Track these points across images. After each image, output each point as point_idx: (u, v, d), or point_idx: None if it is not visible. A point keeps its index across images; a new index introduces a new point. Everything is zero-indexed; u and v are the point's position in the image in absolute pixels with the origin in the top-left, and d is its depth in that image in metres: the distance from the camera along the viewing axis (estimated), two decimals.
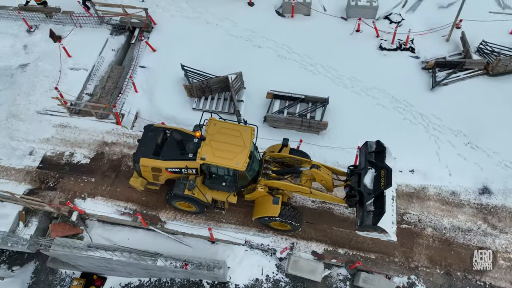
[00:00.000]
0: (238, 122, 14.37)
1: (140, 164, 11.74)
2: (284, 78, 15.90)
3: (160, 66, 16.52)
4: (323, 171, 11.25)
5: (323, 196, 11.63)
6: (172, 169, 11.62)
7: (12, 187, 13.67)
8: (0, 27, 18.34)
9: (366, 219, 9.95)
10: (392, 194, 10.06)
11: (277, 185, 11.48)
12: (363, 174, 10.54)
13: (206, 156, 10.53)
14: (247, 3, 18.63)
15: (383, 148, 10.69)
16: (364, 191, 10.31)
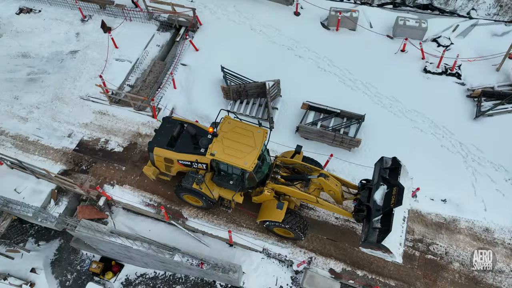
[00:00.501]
0: (270, 129, 14.41)
1: (153, 153, 12.03)
2: (321, 90, 15.77)
3: (201, 65, 16.83)
4: (331, 181, 11.07)
5: (330, 207, 11.35)
6: (183, 161, 11.80)
7: (48, 166, 14.29)
8: (58, 14, 19.39)
9: (371, 235, 9.66)
10: (403, 215, 9.74)
11: (284, 190, 11.41)
12: (374, 190, 10.21)
13: (216, 152, 10.62)
14: (293, 13, 18.69)
15: (398, 165, 10.32)
16: (372, 207, 9.98)
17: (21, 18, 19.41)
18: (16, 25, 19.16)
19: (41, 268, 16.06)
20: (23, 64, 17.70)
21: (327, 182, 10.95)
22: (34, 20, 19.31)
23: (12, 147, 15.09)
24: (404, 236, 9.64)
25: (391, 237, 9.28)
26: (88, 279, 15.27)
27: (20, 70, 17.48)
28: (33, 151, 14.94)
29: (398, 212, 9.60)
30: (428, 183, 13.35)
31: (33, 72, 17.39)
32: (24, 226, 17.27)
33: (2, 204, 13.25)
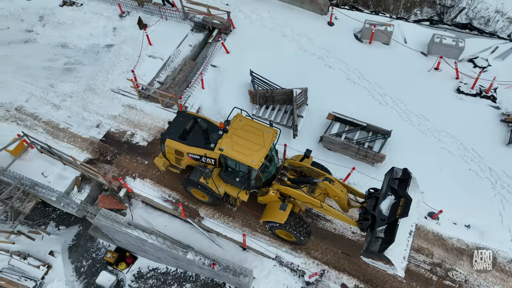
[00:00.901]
0: (294, 137, 14.35)
1: (165, 144, 12.28)
2: (349, 102, 15.58)
3: (230, 68, 17.00)
4: (336, 186, 10.94)
5: (334, 214, 11.16)
6: (193, 155, 11.97)
7: (75, 153, 14.74)
8: (98, 9, 20.10)
9: (373, 245, 9.45)
10: (410, 229, 9.59)
11: (290, 192, 11.38)
12: (381, 199, 9.96)
13: (224, 148, 10.75)
14: (327, 23, 18.63)
15: (408, 177, 10.05)
16: (377, 216, 9.74)
17: (63, 10, 20.23)
18: (58, 16, 19.98)
19: (59, 252, 16.53)
20: (61, 54, 18.41)
21: (331, 186, 10.83)
22: (76, 12, 20.08)
23: (43, 132, 15.66)
24: (408, 250, 9.45)
25: (395, 250, 9.07)
26: (102, 267, 15.58)
27: (58, 60, 18.18)
28: (62, 138, 15.46)
29: (404, 225, 9.41)
30: (452, 206, 12.92)
31: (69, 62, 18.05)
32: (47, 209, 17.84)
33: (29, 186, 13.74)
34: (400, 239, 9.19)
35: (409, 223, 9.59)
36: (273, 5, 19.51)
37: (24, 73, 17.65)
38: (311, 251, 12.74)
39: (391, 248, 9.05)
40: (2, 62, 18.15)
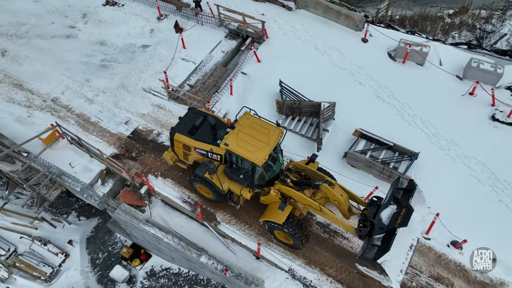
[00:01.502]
0: (318, 150, 14.21)
1: (174, 138, 12.60)
2: (376, 120, 15.34)
3: (260, 76, 17.11)
4: (336, 190, 10.83)
5: (333, 218, 11.05)
6: (200, 150, 12.19)
7: (102, 147, 15.14)
8: (138, 10, 20.80)
9: (368, 252, 9.28)
10: (412, 243, 9.48)
11: (291, 193, 11.41)
12: (383, 208, 9.79)
13: (230, 143, 10.87)
14: (361, 39, 18.50)
15: (413, 187, 9.86)
16: (376, 224, 9.57)
17: (105, 9, 21.05)
18: (100, 15, 20.81)
19: (77, 242, 16.94)
20: (99, 51, 19.11)
21: (330, 189, 10.75)
22: (117, 12, 20.85)
23: (74, 124, 16.21)
24: (407, 264, 9.31)
25: (393, 262, 8.94)
26: (116, 261, 15.82)
27: (96, 56, 18.87)
28: (92, 131, 15.94)
29: (406, 238, 9.29)
30: (477, 237, 12.36)
31: (106, 60, 18.69)
32: (71, 199, 18.37)
33: (56, 174, 14.20)
34: (399, 252, 9.08)
35: (410, 237, 9.47)
36: (308, 18, 19.60)
37: (63, 66, 18.40)
38: (326, 267, 12.47)
39: (389, 260, 8.87)
40: (45, 55, 19.02)
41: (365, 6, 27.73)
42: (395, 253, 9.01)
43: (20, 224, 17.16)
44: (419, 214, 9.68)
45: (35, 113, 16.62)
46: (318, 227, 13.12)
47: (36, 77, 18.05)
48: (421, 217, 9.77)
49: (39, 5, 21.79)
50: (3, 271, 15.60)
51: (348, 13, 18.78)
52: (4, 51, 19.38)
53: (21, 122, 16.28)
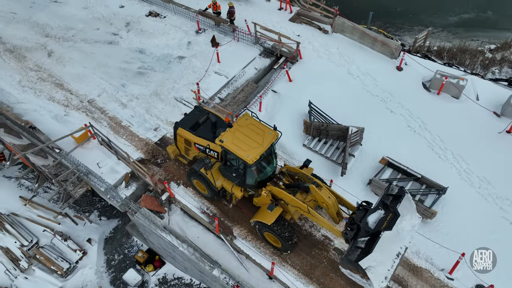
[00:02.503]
0: (342, 175, 13.99)
1: (177, 132, 13.28)
2: (405, 150, 14.96)
3: (290, 96, 17.18)
4: (323, 192, 11.01)
5: (320, 221, 11.13)
6: (199, 146, 12.67)
7: (130, 151, 15.55)
8: (178, 23, 21.58)
9: (351, 253, 9.33)
10: (399, 251, 9.49)
11: (282, 195, 11.59)
12: (370, 212, 9.79)
13: (225, 140, 11.27)
14: (396, 67, 18.30)
15: (403, 194, 9.85)
16: (362, 227, 9.57)
17: (148, 20, 21.98)
18: (142, 24, 21.74)
19: (96, 241, 17.30)
20: (137, 59, 19.87)
21: (318, 191, 10.92)
22: (158, 23, 21.72)
23: (106, 126, 16.78)
24: (392, 271, 9.29)
25: (378, 268, 8.98)
26: (131, 265, 16.00)
27: (134, 63, 19.63)
28: (122, 134, 16.43)
29: (394, 246, 9.39)
30: (505, 282, 11.64)
31: (143, 67, 19.39)
32: (94, 198, 18.89)
33: (84, 173, 14.66)
34: (385, 258, 9.13)
35: (398, 245, 9.54)
36: (343, 42, 19.65)
37: (102, 70, 19.24)
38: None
39: (374, 265, 8.90)
40: (87, 58, 19.99)
41: (402, 35, 27.55)
42: (381, 259, 9.05)
43: (45, 217, 17.76)
44: (409, 223, 9.77)
45: (71, 112, 17.36)
46: (336, 253, 12.78)
47: (76, 78, 18.95)
48: (411, 226, 9.82)
49: (88, 12, 23.06)
50: (24, 262, 16.07)
51: (384, 40, 18.70)
52: (51, 52, 20.53)
53: (58, 120, 17.03)
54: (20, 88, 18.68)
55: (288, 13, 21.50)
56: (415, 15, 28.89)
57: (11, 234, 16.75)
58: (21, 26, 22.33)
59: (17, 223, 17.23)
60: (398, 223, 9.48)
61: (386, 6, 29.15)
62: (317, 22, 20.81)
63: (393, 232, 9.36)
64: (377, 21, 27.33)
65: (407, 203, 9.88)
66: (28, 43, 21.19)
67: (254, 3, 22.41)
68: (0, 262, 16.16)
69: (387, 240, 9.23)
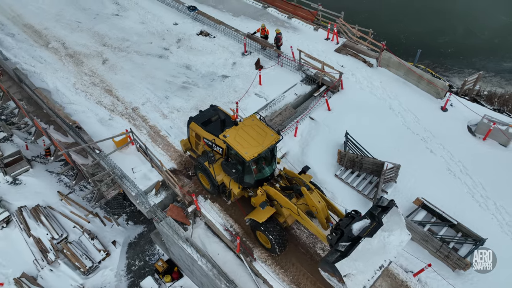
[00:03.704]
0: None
1: (189, 126, 14.19)
2: (442, 193, 14.23)
3: (327, 124, 17.07)
4: (314, 196, 11.26)
5: (308, 223, 11.44)
6: (207, 140, 13.47)
7: (164, 160, 15.99)
8: (226, 43, 22.40)
9: (331, 255, 9.66)
10: (383, 263, 9.72)
11: (277, 196, 12.01)
12: (357, 220, 10.19)
13: (228, 136, 11.93)
14: (440, 107, 17.75)
15: (391, 206, 10.17)
16: (346, 233, 9.95)
17: (198, 38, 23.00)
18: (192, 42, 22.75)
19: (120, 244, 17.68)
20: (183, 74, 20.71)
21: (308, 194, 11.25)
22: (207, 42, 22.65)
23: (145, 134, 17.44)
24: (372, 282, 9.49)
25: (358, 277, 9.25)
26: (149, 272, 16.15)
27: (179, 77, 20.46)
28: (159, 144, 16.98)
29: (378, 258, 9.64)
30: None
31: (187, 82, 20.15)
32: (125, 202, 19.46)
33: (118, 176, 15.21)
34: (367, 268, 9.42)
35: (383, 258, 9.77)
36: (387, 77, 19.42)
37: (149, 81, 20.20)
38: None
39: (354, 273, 9.19)
40: (137, 68, 21.12)
41: (451, 76, 26.85)
42: (362, 268, 9.36)
43: (77, 214, 18.47)
44: (398, 239, 10.03)
45: (115, 117, 18.25)
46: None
47: (124, 86, 20.01)
48: (399, 242, 10.05)
49: (144, 26, 24.55)
50: (52, 254, 16.69)
51: (430, 79, 18.28)
52: (105, 60, 21.92)
53: (102, 123, 17.94)
54: (74, 90, 19.98)
55: (335, 44, 21.69)
56: (467, 58, 28.14)
57: (44, 226, 17.53)
58: (83, 34, 24.13)
59: (52, 216, 18.04)
60: (387, 236, 9.91)
61: (436, 45, 28.68)
62: (362, 55, 20.81)
63: (380, 245, 9.78)
64: (425, 60, 26.89)
65: (397, 218, 10.15)
66: (87, 50, 22.79)
67: (302, 32, 22.86)
68: (31, 251, 16.87)
69: (372, 252, 9.62)
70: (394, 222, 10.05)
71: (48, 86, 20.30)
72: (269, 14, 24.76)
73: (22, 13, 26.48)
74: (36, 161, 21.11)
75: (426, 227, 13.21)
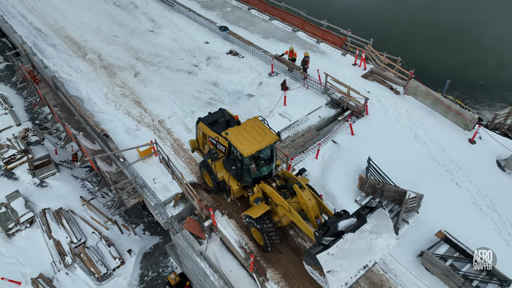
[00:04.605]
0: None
1: (197, 126, 14.99)
2: (466, 228, 13.68)
3: (350, 149, 16.92)
4: (305, 194, 11.75)
5: (299, 220, 11.81)
6: (212, 139, 14.18)
7: (185, 173, 16.23)
8: (254, 64, 22.87)
9: (314, 248, 10.16)
10: (367, 263, 10.22)
11: (271, 194, 12.58)
12: (344, 218, 10.72)
13: (230, 134, 12.75)
14: (468, 139, 17.29)
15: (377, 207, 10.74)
16: (332, 229, 10.48)
17: (227, 57, 23.60)
18: (221, 60, 23.36)
19: (135, 254, 17.82)
20: (210, 90, 21.20)
21: (299, 191, 11.76)
22: (236, 61, 23.19)
23: (169, 146, 17.81)
24: (354, 279, 9.99)
25: (341, 273, 9.81)
26: (162, 285, 16.14)
27: (206, 93, 20.95)
28: (181, 156, 17.27)
29: (363, 258, 10.17)
30: None
31: (213, 99, 20.58)
32: (143, 212, 19.71)
33: (140, 185, 15.52)
34: (351, 267, 9.97)
35: (368, 258, 10.28)
36: (414, 105, 19.19)
37: (177, 96, 20.77)
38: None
39: (338, 270, 9.74)
40: (166, 83, 21.81)
41: (480, 109, 26.19)
42: (346, 266, 9.92)
43: (96, 220, 18.84)
44: (385, 242, 10.53)
45: (142, 128, 18.78)
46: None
47: (153, 99, 20.65)
48: (386, 245, 10.52)
49: (176, 43, 25.47)
50: (69, 257, 17.00)
51: (459, 110, 17.90)
52: (137, 73, 22.79)
53: (128, 133, 18.49)
54: (105, 100, 20.78)
55: (362, 70, 21.73)
56: (498, 91, 27.45)
57: (65, 229, 17.95)
58: (119, 48, 25.27)
59: (72, 220, 18.48)
60: (374, 238, 10.45)
61: (466, 77, 28.19)
62: (389, 82, 20.72)
63: (367, 246, 10.32)
64: (455, 91, 26.40)
65: (385, 221, 10.65)
66: (121, 62, 23.79)
67: (330, 56, 23.08)
68: (50, 252, 17.26)
69: (358, 252, 10.17)
70: (383, 225, 10.59)
71: (82, 95, 21.22)
72: (298, 37, 25.20)
73: (64, 26, 28.10)
74: (63, 166, 21.84)
75: (448, 261, 12.67)
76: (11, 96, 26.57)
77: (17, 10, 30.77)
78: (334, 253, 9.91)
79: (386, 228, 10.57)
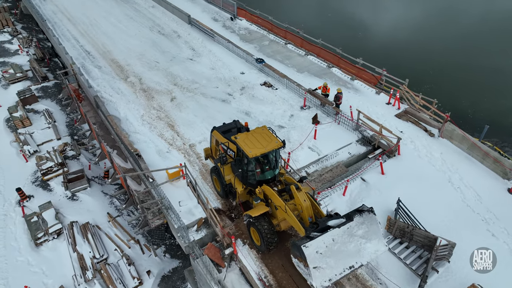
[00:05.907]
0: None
1: (212, 133, 15.90)
2: (503, 283, 12.77)
3: (379, 188, 16.49)
4: (301, 195, 12.36)
5: (293, 219, 12.33)
6: (223, 144, 15.01)
7: (211, 198, 16.34)
8: (287, 96, 23.22)
9: (300, 240, 10.70)
10: (353, 264, 10.83)
11: (271, 196, 13.25)
12: (334, 218, 11.50)
13: (238, 138, 13.83)
14: (507, 189, 16.43)
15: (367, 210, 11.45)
16: (320, 225, 11.29)
17: (261, 88, 24.13)
18: (255, 91, 23.89)
19: (154, 275, 17.78)
20: (241, 119, 21.40)
21: (295, 192, 12.42)
22: (269, 93, 23.64)
23: (197, 171, 18.08)
24: (339, 277, 10.58)
25: (327, 270, 10.46)
26: None
27: None
28: (208, 182, 17.45)
29: (350, 259, 10.82)
30: None
31: None
32: (166, 234, 19.80)
33: (165, 206, 15.72)
34: (337, 265, 10.62)
35: (355, 259, 10.92)
36: (448, 148, 18.62)
37: (209, 122, 21.25)
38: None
39: (324, 267, 10.41)
40: (200, 109, 22.47)
41: None
42: (332, 264, 10.57)
43: (120, 238, 19.10)
44: (374, 247, 11.16)
45: (172, 151, 19.27)
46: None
47: (186, 123, 21.25)
48: (375, 250, 11.13)
49: (213, 72, 26.41)
50: (90, 272, 17.19)
51: (497, 157, 17.16)
52: (173, 98, 23.67)
53: (160, 154, 19.00)
54: (141, 121, 21.62)
55: (396, 109, 21.50)
56: None
57: (89, 244, 18.29)
58: (159, 73, 26.50)
59: (97, 235, 18.83)
60: (363, 243, 11.11)
61: (506, 124, 27.16)
62: (424, 123, 20.31)
63: (356, 249, 10.97)
64: (493, 137, 25.40)
65: (375, 228, 11.32)
66: (159, 87, 24.86)
67: (364, 93, 23.08)
68: (73, 266, 17.55)
69: (347, 254, 10.82)
70: (373, 232, 11.26)
71: (119, 115, 22.20)
72: (333, 73, 25.48)
73: (111, 50, 29.95)
74: (95, 181, 22.57)
75: None
76: (55, 111, 28.18)
77: (71, 33, 33.23)
78: (323, 252, 10.57)
79: (376, 235, 11.29)
